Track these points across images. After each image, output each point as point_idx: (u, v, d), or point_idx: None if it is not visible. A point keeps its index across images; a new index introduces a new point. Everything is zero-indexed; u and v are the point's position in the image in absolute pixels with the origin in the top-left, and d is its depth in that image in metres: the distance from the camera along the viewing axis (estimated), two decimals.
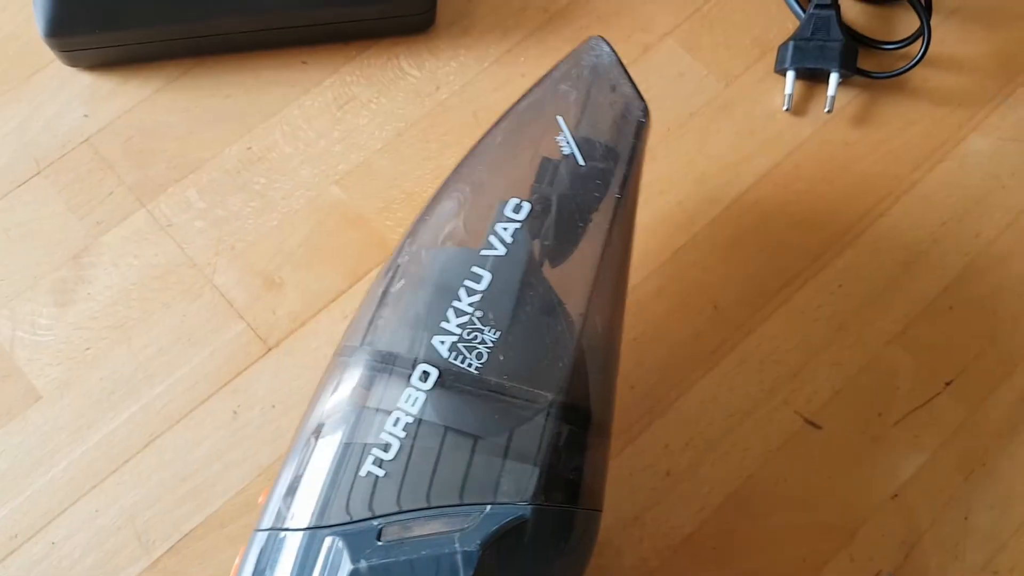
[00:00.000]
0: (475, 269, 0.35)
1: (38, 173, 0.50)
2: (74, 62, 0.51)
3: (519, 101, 0.39)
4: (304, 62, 0.52)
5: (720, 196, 0.50)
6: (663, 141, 0.51)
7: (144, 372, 0.46)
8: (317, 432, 0.34)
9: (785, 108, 0.51)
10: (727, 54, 0.53)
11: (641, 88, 0.39)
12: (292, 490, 0.33)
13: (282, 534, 0.33)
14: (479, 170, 0.38)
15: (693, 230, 0.50)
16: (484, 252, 0.35)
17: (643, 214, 0.47)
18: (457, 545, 0.31)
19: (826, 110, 0.51)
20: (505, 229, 0.36)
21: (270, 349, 0.47)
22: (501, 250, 0.35)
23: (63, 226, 0.49)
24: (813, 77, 0.52)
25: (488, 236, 0.36)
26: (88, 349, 0.46)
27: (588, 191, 0.37)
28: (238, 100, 0.51)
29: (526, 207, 0.36)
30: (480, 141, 0.39)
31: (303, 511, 0.33)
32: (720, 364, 0.47)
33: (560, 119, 0.38)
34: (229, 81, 0.51)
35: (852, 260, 0.49)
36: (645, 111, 0.39)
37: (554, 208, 0.36)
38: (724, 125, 0.51)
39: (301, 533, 0.32)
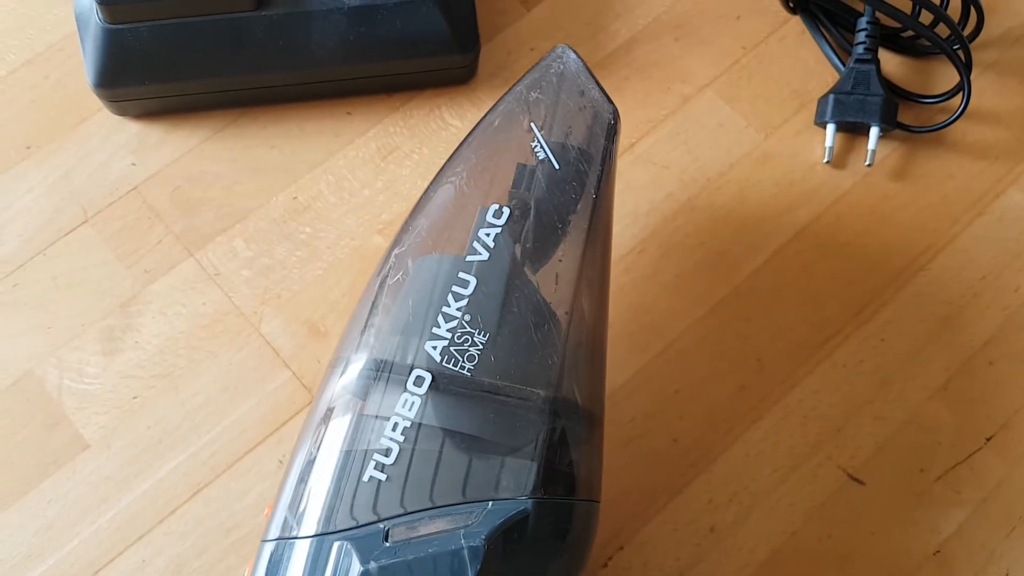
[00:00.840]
0: (461, 275, 0.36)
1: (85, 221, 0.50)
2: (122, 111, 0.51)
3: (491, 111, 0.41)
4: (348, 113, 0.53)
5: (761, 247, 0.50)
6: (703, 191, 0.51)
7: (191, 421, 0.46)
8: (318, 442, 0.35)
9: (825, 160, 0.52)
10: (766, 106, 0.53)
11: (680, 139, 0.40)
12: (297, 500, 0.34)
13: (290, 542, 0.33)
14: (459, 179, 0.39)
15: (735, 281, 0.50)
16: (469, 258, 0.36)
17: (684, 264, 0.48)
18: (463, 541, 0.32)
19: (867, 163, 0.51)
20: (487, 234, 0.37)
21: (312, 400, 0.47)
22: (484, 255, 0.36)
23: (111, 274, 0.49)
24: (853, 130, 0.53)
25: (471, 242, 0.37)
26: (135, 398, 0.47)
27: (565, 193, 0.38)
28: (283, 150, 0.52)
29: (506, 211, 0.37)
30: (457, 151, 0.41)
31: (309, 519, 0.34)
32: (764, 418, 0.47)
33: (533, 126, 0.39)
34: (275, 132, 0.52)
35: (894, 314, 0.49)
36: (615, 113, 0.40)
37: (533, 211, 0.38)
38: (764, 176, 0.52)
39: (309, 540, 0.33)
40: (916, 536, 0.45)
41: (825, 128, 0.52)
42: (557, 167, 0.38)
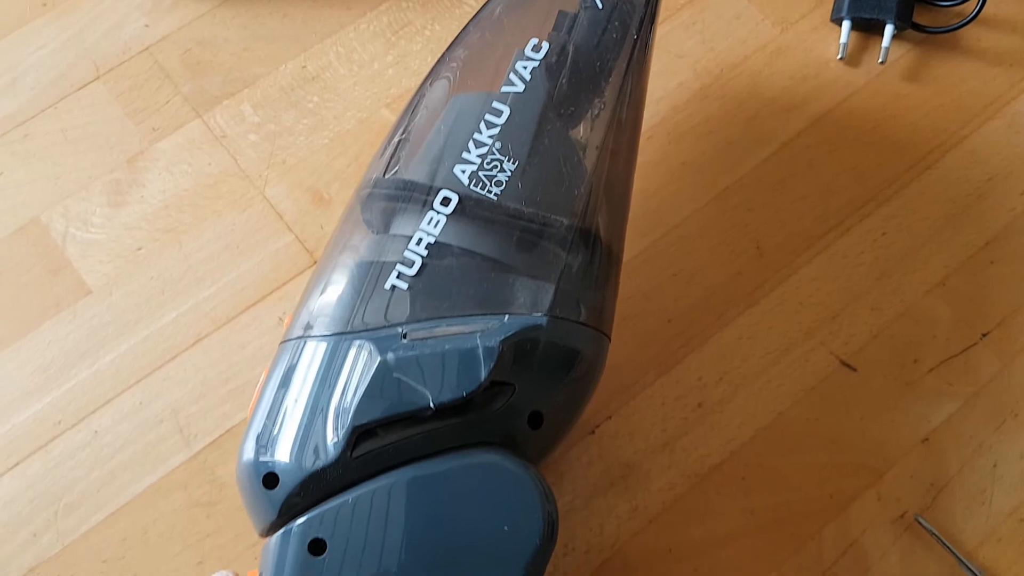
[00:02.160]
0: (495, 104, 0.36)
1: (97, 78, 0.51)
2: None
3: None
4: None
5: (770, 139, 0.50)
6: (716, 81, 0.51)
7: (193, 275, 0.47)
8: (342, 255, 0.36)
9: (839, 57, 0.51)
10: (783, 1, 0.53)
11: (696, 28, 0.40)
12: (317, 305, 0.35)
13: (309, 340, 0.34)
14: (498, 19, 0.39)
15: (741, 172, 0.50)
16: (504, 89, 0.37)
17: (691, 152, 0.48)
18: (479, 341, 0.33)
19: (879, 61, 0.51)
20: (524, 67, 0.37)
21: (316, 262, 0.47)
22: (519, 86, 0.37)
23: (119, 131, 0.50)
24: (868, 28, 0.52)
25: (508, 74, 0.37)
26: (139, 249, 0.47)
27: (607, 33, 0.38)
28: (295, 19, 0.52)
29: (545, 46, 0.37)
30: None
31: (329, 321, 0.34)
32: (760, 303, 0.48)
33: None
34: (287, 0, 0.52)
35: (897, 209, 0.49)
36: None
37: (572, 52, 0.38)
38: (777, 70, 0.52)
39: (328, 339, 0.34)
40: (905, 423, 0.46)
41: (841, 25, 0.52)
42: (600, 7, 0.38)
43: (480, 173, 0.35)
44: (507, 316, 0.34)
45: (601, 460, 0.45)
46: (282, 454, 0.33)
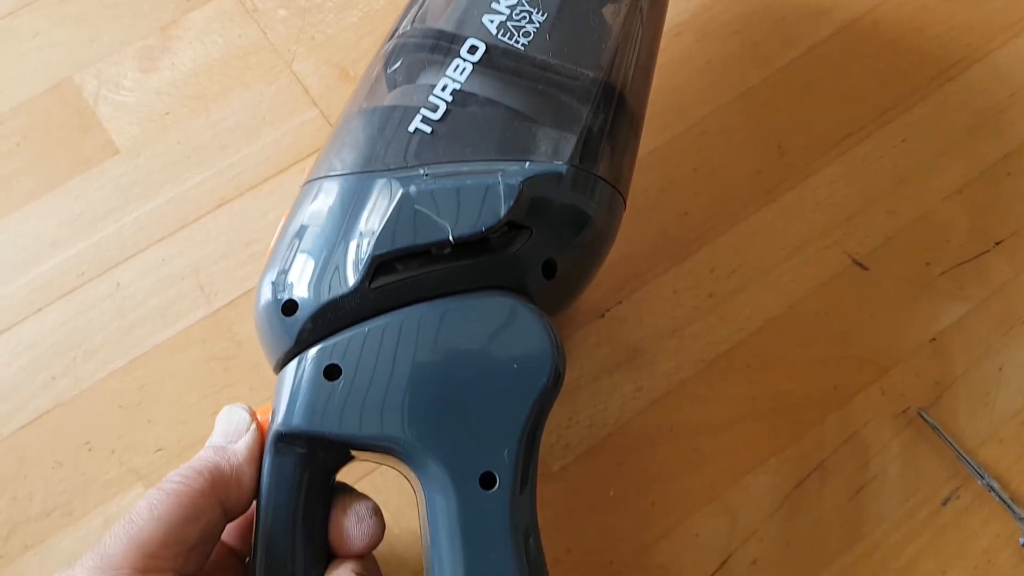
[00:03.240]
0: None
1: None
2: None
3: None
4: None
5: (797, 42, 0.50)
6: None
7: (219, 142, 0.48)
8: (364, 102, 0.36)
9: None
10: None
11: None
12: (341, 146, 0.35)
13: (331, 179, 0.34)
14: None
15: (766, 72, 0.50)
16: None
17: (718, 50, 0.48)
18: (500, 179, 0.33)
19: None
20: None
21: None
22: None
23: None
24: None
25: None
26: (168, 114, 0.48)
27: None
28: None
29: None
30: None
31: (351, 161, 0.35)
32: (777, 201, 0.48)
33: None
34: None
35: (918, 118, 0.50)
36: None
37: None
38: None
39: (351, 176, 0.34)
40: (914, 323, 0.46)
41: None
42: None
43: (509, 23, 0.36)
44: (528, 162, 0.34)
45: (609, 342, 0.45)
46: (302, 283, 0.34)
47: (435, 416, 0.33)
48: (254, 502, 0.34)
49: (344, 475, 0.34)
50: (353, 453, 0.35)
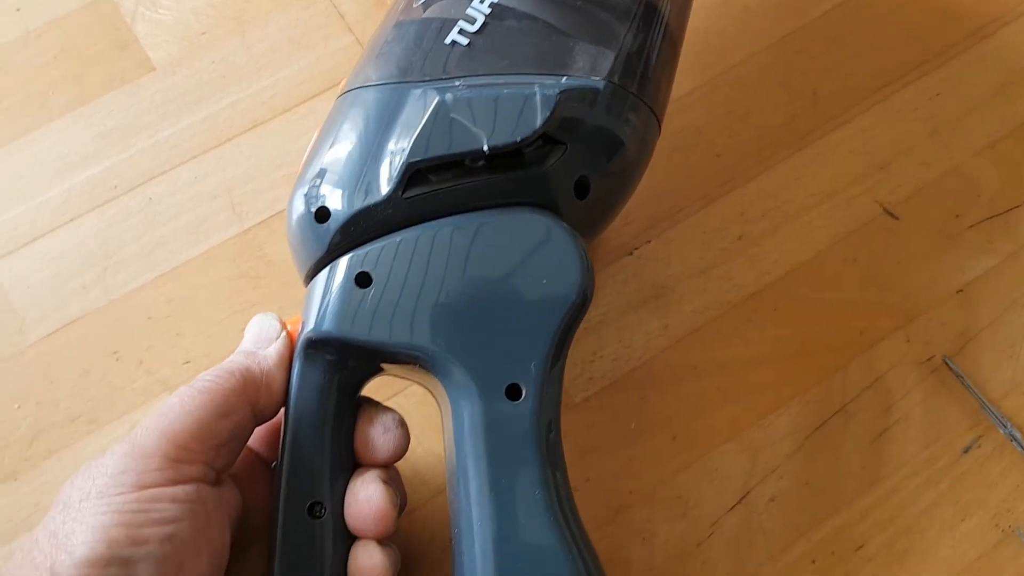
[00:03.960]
0: None
1: None
2: None
3: None
4: None
5: None
6: None
7: (254, 64, 0.48)
8: (401, 17, 0.36)
9: None
10: None
11: None
12: (376, 58, 0.35)
13: (365, 91, 0.34)
14: None
15: (804, 20, 0.50)
16: None
17: None
18: (537, 89, 0.33)
19: None
20: None
21: None
22: None
23: None
24: None
25: None
26: (204, 33, 0.48)
27: None
28: None
29: None
30: None
31: (387, 71, 0.35)
32: (810, 147, 0.48)
33: None
34: None
35: (953, 72, 0.49)
36: None
37: None
38: None
39: (386, 86, 0.34)
40: (942, 273, 0.46)
41: None
42: None
43: None
44: (566, 77, 0.34)
45: (637, 279, 0.45)
46: (335, 192, 0.34)
47: (464, 327, 0.33)
48: (282, 409, 0.34)
49: (369, 395, 0.34)
50: (382, 365, 0.35)
